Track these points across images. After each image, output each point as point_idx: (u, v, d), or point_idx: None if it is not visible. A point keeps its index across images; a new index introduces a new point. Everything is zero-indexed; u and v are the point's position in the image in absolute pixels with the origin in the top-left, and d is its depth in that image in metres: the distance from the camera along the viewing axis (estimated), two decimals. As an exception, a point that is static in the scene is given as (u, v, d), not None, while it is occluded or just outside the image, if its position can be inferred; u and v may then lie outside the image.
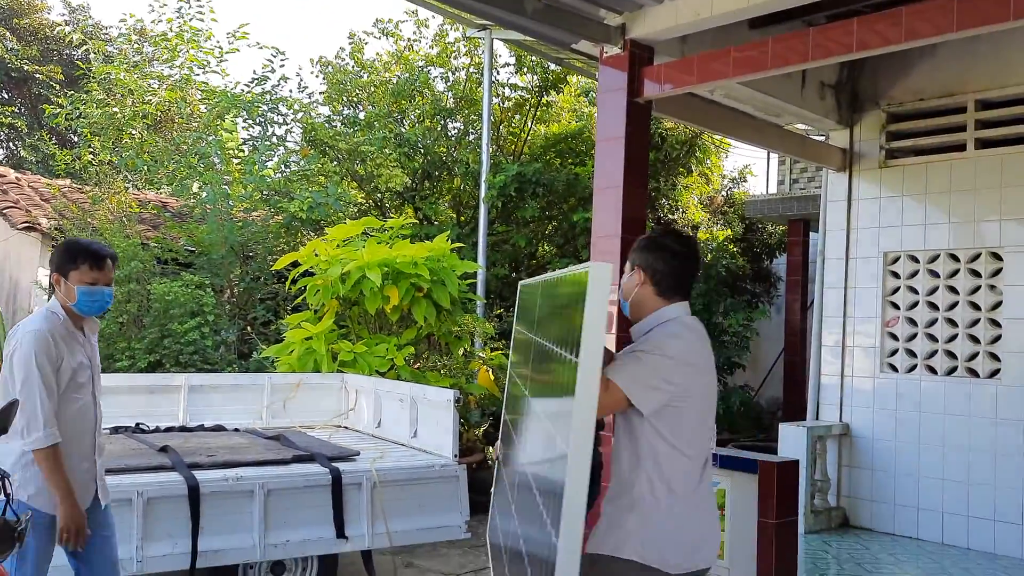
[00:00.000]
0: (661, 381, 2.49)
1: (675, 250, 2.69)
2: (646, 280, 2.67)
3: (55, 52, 19.76)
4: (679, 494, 2.51)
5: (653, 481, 2.51)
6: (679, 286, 2.68)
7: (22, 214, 10.38)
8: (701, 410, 2.58)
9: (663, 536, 2.49)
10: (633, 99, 5.34)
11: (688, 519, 2.52)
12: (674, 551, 2.49)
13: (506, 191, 10.16)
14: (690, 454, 2.53)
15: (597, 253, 5.40)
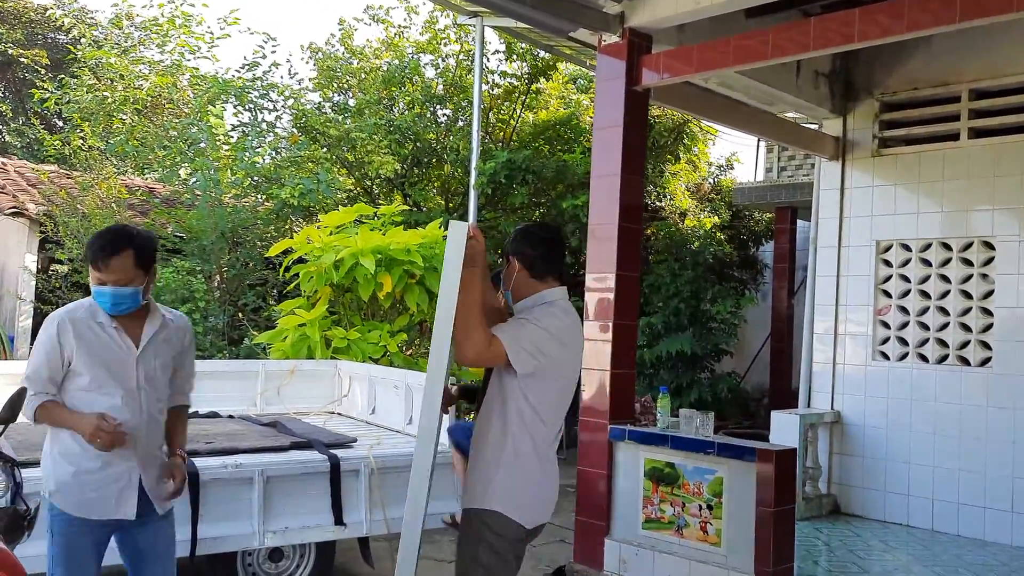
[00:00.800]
0: (536, 350, 2.78)
1: (542, 237, 3.01)
2: (521, 267, 2.94)
3: (40, 36, 19.46)
4: (538, 457, 2.86)
5: (518, 443, 2.83)
6: (551, 269, 2.96)
7: (9, 199, 10.25)
8: (564, 387, 2.92)
9: (523, 492, 2.84)
10: (631, 87, 5.35)
11: (542, 479, 2.89)
12: (530, 507, 2.86)
13: (495, 178, 10.14)
14: (548, 423, 2.87)
15: (594, 240, 5.41)
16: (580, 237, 10.46)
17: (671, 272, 10.81)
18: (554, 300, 2.93)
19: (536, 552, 6.15)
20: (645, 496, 4.99)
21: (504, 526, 2.83)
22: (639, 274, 5.48)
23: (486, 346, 2.73)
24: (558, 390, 2.90)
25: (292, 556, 4.70)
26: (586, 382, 5.30)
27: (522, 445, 2.84)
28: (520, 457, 2.84)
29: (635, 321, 5.43)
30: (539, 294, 2.94)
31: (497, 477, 2.85)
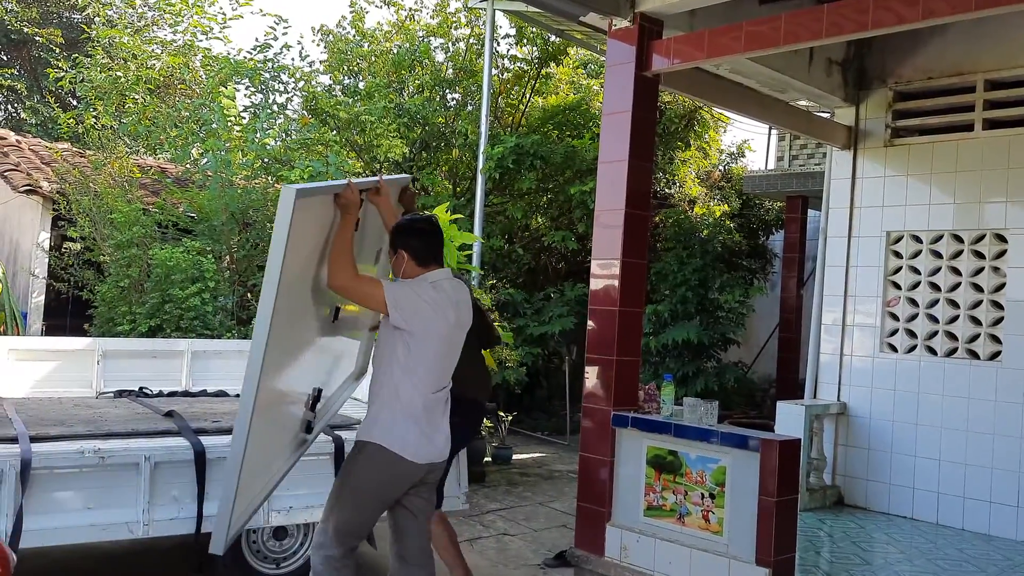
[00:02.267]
0: (409, 308, 3.35)
1: (424, 228, 3.55)
2: (409, 258, 3.50)
3: (55, 15, 19.49)
4: (421, 403, 3.40)
5: (400, 389, 3.39)
6: (432, 256, 3.53)
7: (23, 177, 10.30)
8: (440, 350, 3.45)
9: (399, 430, 3.38)
10: (641, 73, 5.32)
11: (425, 424, 3.42)
12: (412, 444, 3.39)
13: (504, 163, 10.13)
14: (427, 376, 3.41)
15: (601, 226, 5.40)
16: (587, 223, 10.44)
17: (679, 260, 10.79)
18: (436, 280, 3.49)
19: (538, 537, 6.19)
20: (647, 483, 4.99)
21: (382, 456, 3.39)
22: (646, 261, 5.46)
23: (353, 278, 3.34)
24: (434, 350, 3.42)
25: (296, 535, 4.73)
26: (590, 368, 5.30)
27: (403, 391, 3.39)
28: (401, 400, 3.39)
29: (641, 308, 5.42)
30: (423, 276, 3.49)
31: (381, 416, 3.43)
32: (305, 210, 3.10)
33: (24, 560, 3.85)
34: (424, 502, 3.64)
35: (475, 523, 6.46)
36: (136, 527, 4.07)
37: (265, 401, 3.13)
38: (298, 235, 3.07)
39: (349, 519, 3.47)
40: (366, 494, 3.45)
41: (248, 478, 3.17)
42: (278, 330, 3.06)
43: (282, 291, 3.03)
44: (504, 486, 7.77)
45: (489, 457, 8.55)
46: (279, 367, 3.29)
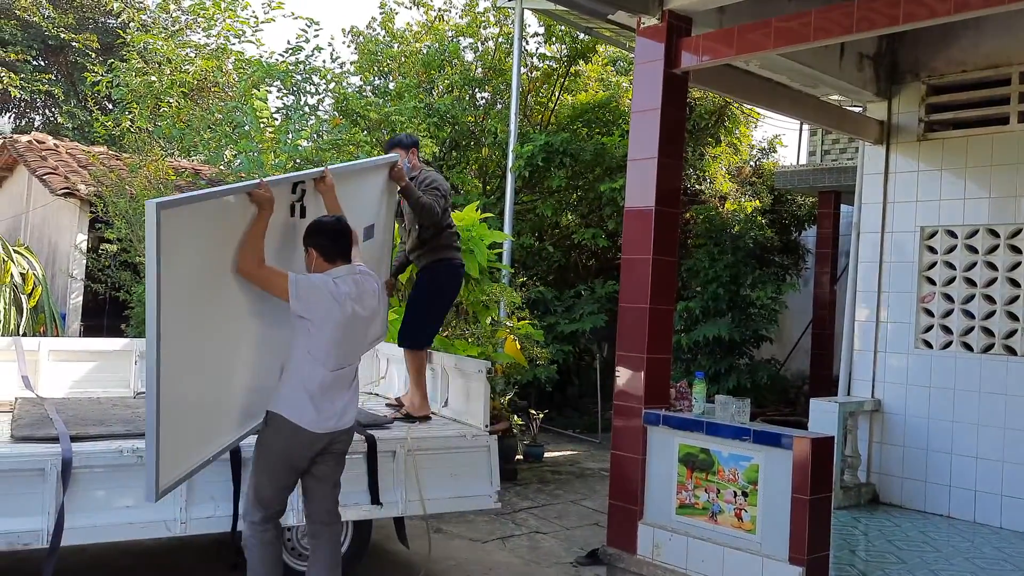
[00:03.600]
0: (307, 299, 3.73)
1: (332, 229, 3.92)
2: (317, 255, 3.89)
3: (91, 20, 19.83)
4: (311, 381, 3.78)
5: (299, 368, 3.80)
6: (338, 253, 3.90)
7: (61, 180, 10.52)
8: (333, 337, 3.79)
9: (299, 403, 3.78)
10: (670, 70, 5.30)
11: (322, 397, 3.80)
12: (311, 414, 3.78)
13: (533, 161, 10.14)
14: (320, 359, 3.79)
15: (631, 224, 5.39)
16: (617, 220, 10.42)
17: (710, 257, 10.73)
18: (339, 275, 3.85)
19: (570, 535, 6.20)
20: (679, 482, 4.98)
21: (283, 425, 3.79)
22: (677, 259, 5.45)
23: (255, 266, 3.74)
24: (330, 335, 3.78)
25: (330, 533, 4.78)
26: (621, 366, 5.30)
27: (304, 369, 3.79)
28: (302, 377, 3.78)
29: (672, 306, 5.40)
30: (329, 271, 3.86)
31: (284, 390, 3.83)
32: (177, 218, 3.45)
33: (65, 557, 3.95)
34: (328, 469, 4.02)
35: (507, 521, 6.49)
36: (173, 525, 4.15)
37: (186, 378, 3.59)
38: (185, 240, 3.50)
39: (263, 483, 3.87)
40: (273, 460, 3.85)
41: (174, 435, 3.52)
42: (178, 325, 3.48)
43: (172, 296, 3.41)
44: (536, 484, 7.79)
45: (520, 455, 8.57)
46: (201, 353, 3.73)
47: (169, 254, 3.37)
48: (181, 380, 3.56)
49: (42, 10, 19.24)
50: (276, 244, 4.03)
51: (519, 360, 8.24)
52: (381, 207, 5.28)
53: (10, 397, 5.31)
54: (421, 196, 5.28)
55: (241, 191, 3.82)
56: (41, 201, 11.55)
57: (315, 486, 4.02)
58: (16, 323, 8.56)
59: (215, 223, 3.72)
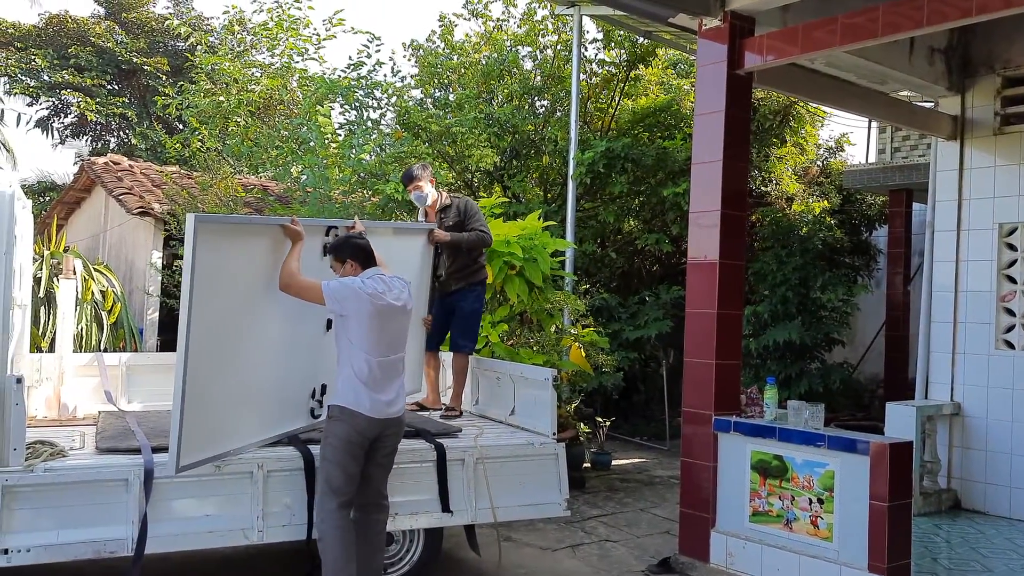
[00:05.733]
0: (340, 296, 4.20)
1: (364, 244, 4.47)
2: (355, 264, 4.38)
3: (161, 44, 20.58)
4: (362, 372, 4.17)
5: (351, 360, 4.21)
6: (368, 260, 4.41)
7: (136, 200, 10.90)
8: (371, 327, 4.20)
9: (354, 392, 4.17)
10: (733, 71, 5.24)
11: (367, 386, 4.17)
12: (360, 401, 4.16)
13: (594, 167, 10.10)
14: (365, 349, 4.18)
15: (696, 228, 5.34)
16: (681, 225, 10.31)
17: (778, 259, 10.53)
18: (368, 275, 4.31)
19: (640, 543, 6.14)
20: (752, 489, 4.90)
21: (344, 413, 4.16)
22: (744, 262, 5.37)
23: (292, 280, 4.30)
24: (368, 324, 4.18)
25: (402, 541, 4.84)
26: (689, 373, 5.24)
27: (354, 361, 4.18)
28: (354, 369, 4.18)
29: (740, 310, 5.33)
30: (362, 274, 4.34)
31: (338, 384, 4.25)
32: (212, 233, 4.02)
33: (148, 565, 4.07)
34: (382, 457, 4.32)
35: (576, 529, 6.46)
36: (251, 533, 4.25)
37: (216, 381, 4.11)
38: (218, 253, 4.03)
39: (336, 473, 4.15)
40: (339, 446, 4.15)
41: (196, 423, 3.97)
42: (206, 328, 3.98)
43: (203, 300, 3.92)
44: (604, 492, 7.74)
45: (588, 463, 8.52)
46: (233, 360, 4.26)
47: (202, 262, 3.91)
48: (205, 376, 3.99)
49: (115, 36, 20.03)
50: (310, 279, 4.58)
51: (584, 367, 8.20)
52: (416, 269, 5.79)
53: (94, 411, 5.51)
54: (468, 238, 5.87)
55: (275, 223, 4.49)
56: (118, 220, 11.99)
57: (369, 473, 4.29)
58: (97, 339, 8.89)
59: (248, 246, 4.31)
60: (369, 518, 4.32)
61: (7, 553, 3.79)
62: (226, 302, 4.17)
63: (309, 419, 4.92)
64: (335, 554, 4.07)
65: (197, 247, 3.90)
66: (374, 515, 4.34)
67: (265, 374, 4.52)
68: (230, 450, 4.29)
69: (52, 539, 3.89)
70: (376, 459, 4.29)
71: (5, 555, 3.78)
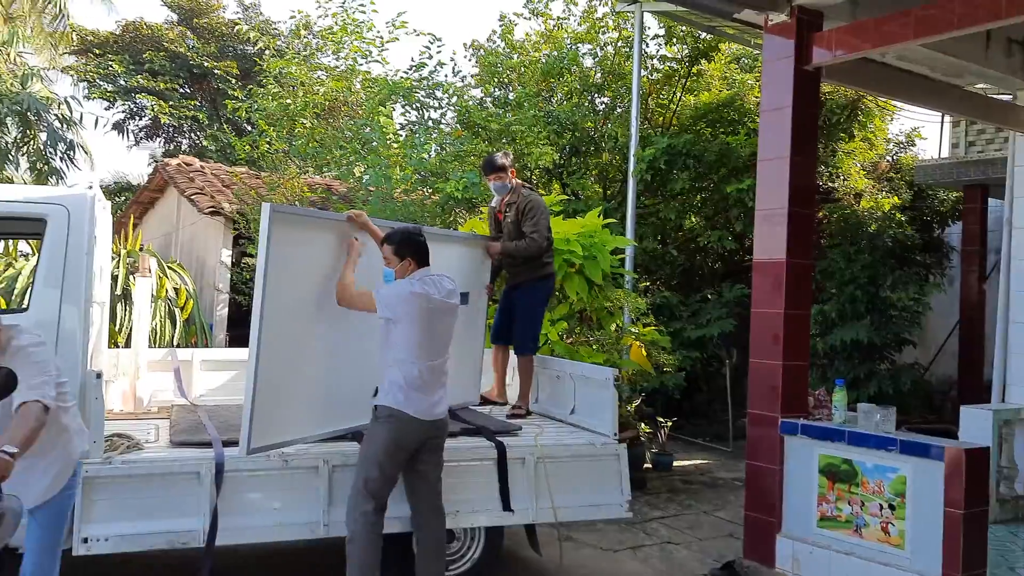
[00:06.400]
0: (387, 303, 4.23)
1: (418, 239, 4.42)
2: (412, 262, 4.35)
3: (231, 48, 21.13)
4: (411, 374, 4.16)
5: (398, 364, 4.19)
6: (424, 260, 4.40)
7: (207, 200, 11.22)
8: (421, 329, 4.20)
9: (402, 394, 4.16)
10: (800, 67, 5.14)
11: (415, 389, 4.17)
12: (409, 403, 4.15)
13: (655, 164, 10.02)
14: (414, 353, 4.18)
15: (763, 226, 5.25)
16: (745, 222, 10.14)
17: (846, 257, 10.28)
18: (417, 277, 4.32)
19: (703, 546, 6.07)
20: (820, 493, 4.80)
21: (392, 415, 4.15)
22: (812, 261, 5.26)
23: (346, 293, 4.37)
24: (416, 331, 4.18)
25: (463, 539, 4.87)
26: (754, 373, 5.16)
27: (403, 365, 4.16)
28: (402, 371, 4.16)
29: (808, 310, 5.22)
30: (411, 276, 4.32)
31: (385, 384, 4.21)
32: (285, 222, 4.21)
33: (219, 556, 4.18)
34: (430, 461, 4.31)
35: (637, 531, 6.42)
36: (316, 527, 4.33)
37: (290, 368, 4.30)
38: (290, 242, 4.21)
39: (376, 475, 4.12)
40: (383, 448, 4.14)
41: (265, 410, 4.13)
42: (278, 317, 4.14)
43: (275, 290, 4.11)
44: (666, 493, 7.67)
45: (649, 464, 8.46)
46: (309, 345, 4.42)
47: (275, 250, 4.09)
48: (276, 364, 4.15)
49: (187, 41, 20.62)
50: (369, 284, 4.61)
51: (645, 367, 8.14)
52: (475, 276, 5.88)
53: (167, 404, 5.68)
54: (519, 247, 5.80)
55: (343, 219, 4.66)
56: (190, 220, 12.35)
57: (418, 480, 4.31)
58: (171, 335, 9.17)
59: (318, 240, 4.45)
60: (427, 524, 4.32)
61: (87, 542, 3.94)
62: (297, 292, 4.28)
63: (371, 416, 5.00)
64: (363, 557, 4.07)
65: (271, 235, 4.07)
66: (432, 521, 4.33)
67: (332, 369, 4.61)
68: (296, 439, 4.40)
69: (129, 529, 4.03)
70: (424, 460, 4.28)
71: (85, 544, 3.93)
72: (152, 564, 4.94)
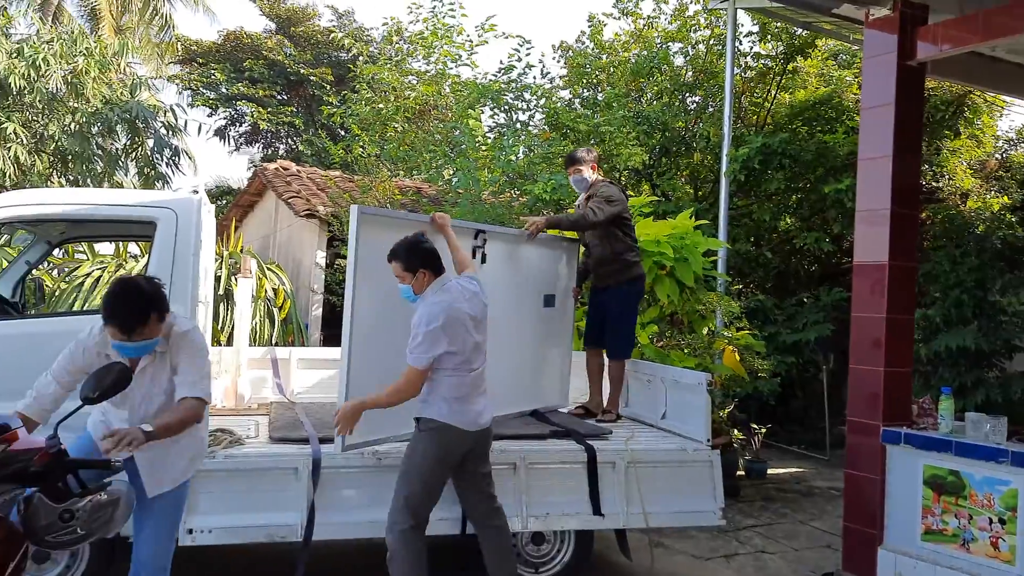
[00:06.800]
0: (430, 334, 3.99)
1: (429, 246, 4.15)
2: (428, 273, 4.11)
3: (326, 55, 21.75)
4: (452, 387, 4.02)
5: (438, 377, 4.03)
6: (439, 266, 4.15)
7: (303, 203, 11.56)
8: (456, 342, 4.00)
9: (446, 405, 4.02)
10: (904, 62, 4.94)
11: (459, 402, 4.04)
12: (452, 413, 4.02)
13: (749, 164, 9.80)
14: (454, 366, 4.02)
15: (864, 227, 5.07)
16: (843, 223, 9.81)
17: (951, 260, 9.82)
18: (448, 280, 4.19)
19: (799, 556, 5.91)
20: (924, 506, 4.60)
21: (435, 426, 4.02)
22: (916, 263, 5.05)
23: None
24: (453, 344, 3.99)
25: (553, 541, 4.87)
26: (855, 380, 4.98)
27: (444, 376, 4.01)
28: (444, 383, 4.02)
29: (911, 315, 5.02)
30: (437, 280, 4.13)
31: (430, 396, 4.05)
32: (372, 223, 4.37)
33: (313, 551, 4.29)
34: (478, 468, 4.21)
35: (730, 539, 6.29)
36: (409, 526, 4.39)
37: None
38: (378, 241, 4.28)
39: (418, 490, 4.00)
40: (429, 463, 4.01)
41: None
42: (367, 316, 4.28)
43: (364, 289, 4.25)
44: (759, 501, 7.49)
45: (742, 471, 8.27)
46: None
47: (365, 252, 4.24)
48: (368, 363, 4.28)
49: (285, 49, 21.31)
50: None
51: (739, 372, 7.96)
52: (561, 279, 5.86)
53: (266, 401, 5.88)
54: (566, 218, 5.75)
55: (425, 220, 4.74)
56: (286, 222, 12.75)
57: (469, 488, 4.24)
58: (269, 334, 9.48)
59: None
60: (489, 526, 4.25)
61: (191, 533, 4.10)
62: (385, 291, 4.32)
63: None
64: (406, 573, 3.96)
65: (360, 237, 4.23)
66: (493, 522, 4.26)
67: None
68: (388, 436, 4.48)
69: (230, 522, 4.18)
70: (470, 470, 4.19)
71: (190, 534, 4.09)
72: (252, 561, 5.10)
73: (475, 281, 4.34)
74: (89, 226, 5.83)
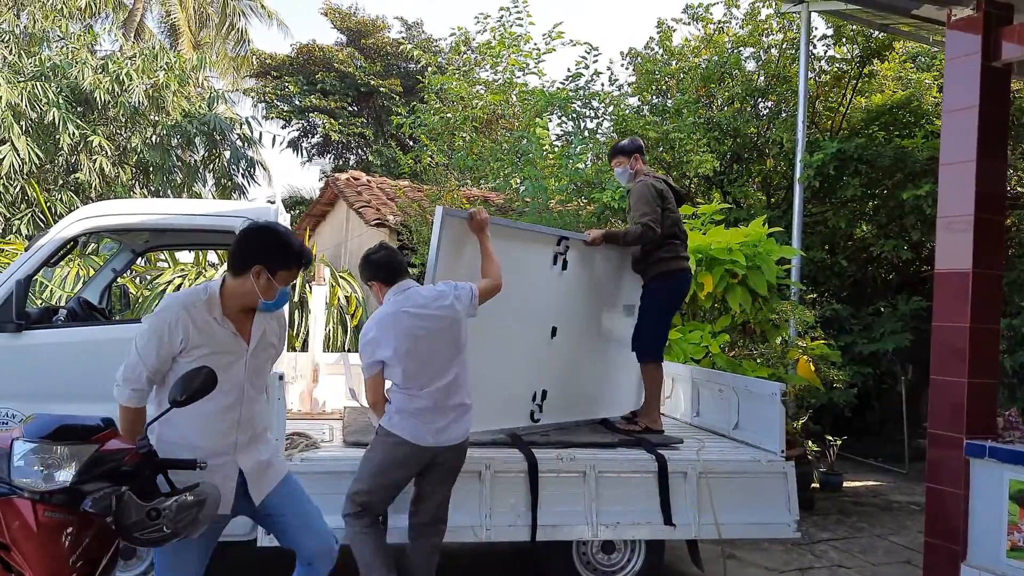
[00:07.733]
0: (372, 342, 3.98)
1: (379, 258, 4.11)
2: (378, 284, 4.09)
3: (395, 67, 22.14)
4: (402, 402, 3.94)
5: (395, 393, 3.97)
6: (392, 275, 4.08)
7: (373, 212, 11.77)
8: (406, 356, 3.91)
9: (404, 419, 3.94)
10: (988, 63, 4.78)
11: (411, 416, 3.93)
12: (404, 428, 3.93)
13: (824, 170, 9.59)
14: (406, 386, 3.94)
15: (946, 234, 4.91)
16: (923, 230, 9.53)
17: (1038, 268, 9.45)
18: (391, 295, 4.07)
19: (876, 571, 5.75)
20: (1011, 522, 4.42)
21: (390, 439, 3.95)
22: (1001, 272, 4.87)
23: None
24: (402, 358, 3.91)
25: (624, 551, 4.84)
26: (936, 391, 4.83)
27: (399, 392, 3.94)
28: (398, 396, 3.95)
29: (996, 324, 4.83)
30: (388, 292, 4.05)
31: (388, 408, 4.00)
32: (454, 224, 4.46)
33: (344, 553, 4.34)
34: (435, 481, 4.09)
35: (805, 552, 6.15)
36: (479, 531, 4.43)
37: None
38: (459, 240, 4.49)
39: (364, 488, 4.00)
40: (377, 470, 4.01)
41: None
42: None
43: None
44: (835, 515, 7.31)
45: (816, 483, 8.08)
46: None
47: (445, 249, 4.39)
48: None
49: (355, 61, 21.75)
50: (535, 290, 4.98)
51: (814, 382, 7.79)
52: (635, 285, 5.65)
53: (339, 407, 5.99)
54: (624, 234, 5.33)
55: (508, 223, 4.92)
56: (357, 231, 12.99)
57: (424, 499, 4.12)
58: (342, 340, 9.67)
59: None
60: (423, 540, 4.13)
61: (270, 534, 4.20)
62: None
63: (528, 421, 5.12)
64: (367, 559, 3.95)
65: (442, 234, 4.36)
66: (430, 538, 4.14)
67: (490, 370, 4.67)
68: None
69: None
70: (431, 479, 4.07)
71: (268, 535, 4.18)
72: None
73: (434, 287, 4.12)
74: (171, 235, 6.02)
